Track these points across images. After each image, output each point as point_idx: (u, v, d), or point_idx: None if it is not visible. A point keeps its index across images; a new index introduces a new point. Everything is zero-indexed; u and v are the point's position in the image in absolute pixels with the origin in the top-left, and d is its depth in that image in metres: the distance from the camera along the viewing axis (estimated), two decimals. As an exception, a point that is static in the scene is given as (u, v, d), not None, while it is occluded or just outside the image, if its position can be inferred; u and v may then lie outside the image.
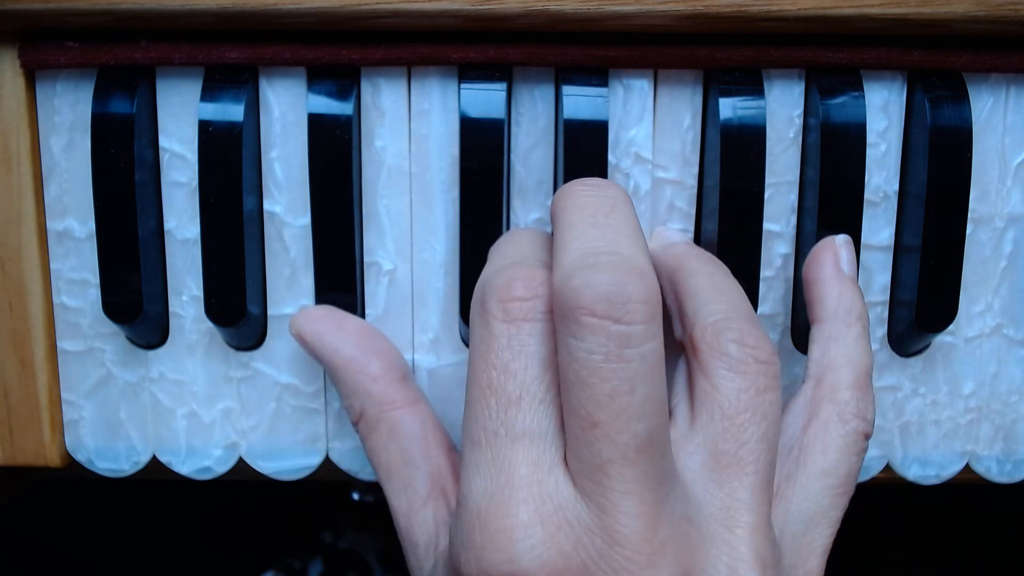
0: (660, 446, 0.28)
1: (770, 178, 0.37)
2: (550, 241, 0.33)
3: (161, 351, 0.38)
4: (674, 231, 0.38)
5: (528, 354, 0.29)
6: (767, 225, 0.37)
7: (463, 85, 0.36)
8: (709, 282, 0.33)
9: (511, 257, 0.32)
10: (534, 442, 0.29)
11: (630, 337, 0.27)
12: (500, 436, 0.29)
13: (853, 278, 0.35)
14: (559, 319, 0.28)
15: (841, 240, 0.36)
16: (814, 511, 0.32)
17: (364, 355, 0.35)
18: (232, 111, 0.36)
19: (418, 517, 0.33)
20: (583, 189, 0.32)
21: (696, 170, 0.37)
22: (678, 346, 0.33)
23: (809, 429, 0.33)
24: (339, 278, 0.37)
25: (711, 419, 0.30)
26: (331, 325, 0.36)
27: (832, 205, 0.36)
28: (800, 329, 0.38)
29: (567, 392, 0.28)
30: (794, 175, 0.37)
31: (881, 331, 0.38)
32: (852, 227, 0.36)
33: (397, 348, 0.37)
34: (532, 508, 0.28)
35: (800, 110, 0.37)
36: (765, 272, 0.38)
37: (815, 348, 0.34)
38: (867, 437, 0.33)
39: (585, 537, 0.27)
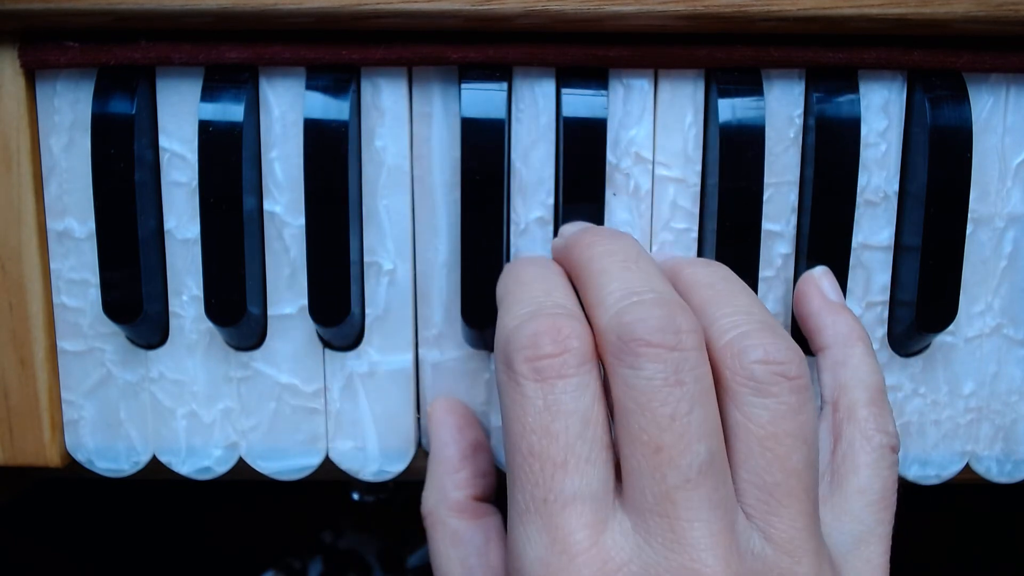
0: (721, 471, 0.28)
1: (770, 178, 0.37)
2: (559, 275, 0.33)
3: (161, 351, 0.38)
4: (660, 254, 0.38)
5: (567, 413, 0.28)
6: (767, 225, 0.37)
7: (463, 85, 0.36)
8: (713, 292, 0.32)
9: (527, 304, 0.31)
10: (586, 503, 0.28)
11: (684, 361, 0.28)
12: (549, 503, 0.28)
13: (842, 303, 0.36)
14: (612, 355, 0.28)
15: (819, 272, 0.37)
16: (860, 531, 0.31)
17: (461, 461, 0.36)
18: (232, 111, 0.36)
19: None
20: (604, 239, 0.33)
21: (699, 167, 0.37)
22: None
23: (836, 452, 0.33)
24: (331, 283, 0.37)
25: (751, 453, 0.29)
26: (457, 422, 0.37)
27: (825, 203, 0.36)
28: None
29: (626, 423, 0.28)
30: (794, 175, 0.37)
31: (881, 331, 0.38)
32: (844, 225, 0.36)
33: (491, 457, 0.38)
34: (595, 570, 0.27)
35: (800, 110, 0.37)
36: (765, 272, 0.38)
37: (824, 376, 0.34)
38: (894, 450, 0.33)
39: None
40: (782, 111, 0.37)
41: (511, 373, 0.29)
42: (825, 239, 0.37)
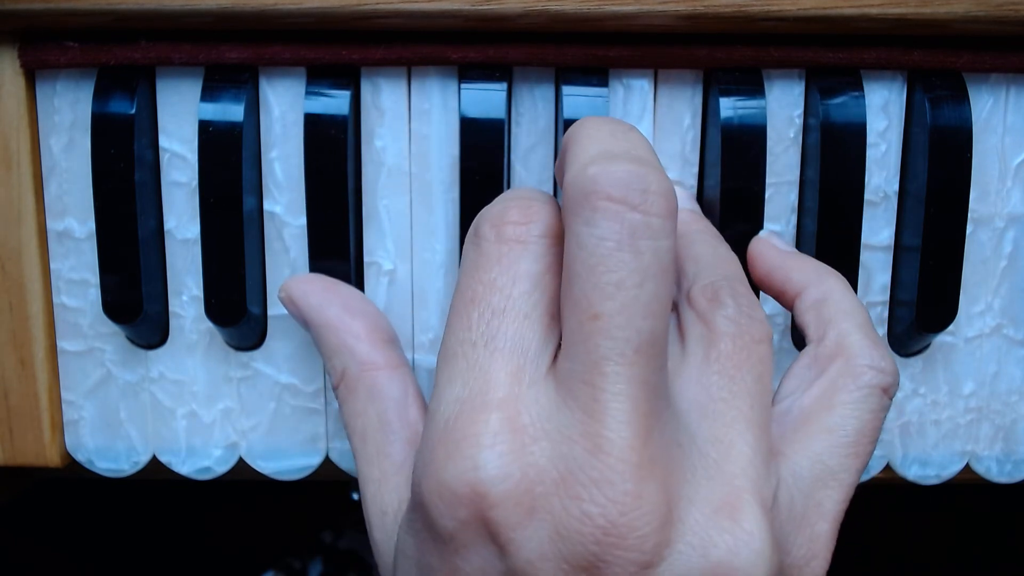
0: (660, 354, 0.26)
1: (770, 178, 0.37)
2: (550, 197, 0.32)
3: (161, 351, 0.38)
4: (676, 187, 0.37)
5: (517, 272, 0.28)
6: (767, 225, 0.37)
7: (463, 85, 0.36)
8: (713, 251, 0.32)
9: (510, 193, 0.31)
10: (514, 355, 0.27)
11: (646, 228, 0.26)
12: (478, 346, 0.27)
13: (795, 251, 0.35)
14: (569, 211, 0.27)
15: (764, 233, 0.36)
16: (819, 471, 0.29)
17: (349, 315, 0.34)
18: (232, 111, 0.36)
19: (390, 484, 0.31)
20: (601, 118, 0.30)
21: (696, 170, 0.37)
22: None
23: (812, 388, 0.31)
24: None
25: (707, 358, 0.29)
26: (319, 287, 0.35)
27: (832, 205, 0.36)
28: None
29: (569, 284, 0.26)
30: (794, 175, 0.37)
31: (881, 331, 0.38)
32: (852, 227, 0.36)
33: (385, 316, 0.36)
34: (505, 417, 0.26)
35: (800, 110, 0.37)
36: (765, 272, 0.38)
37: (807, 317, 0.33)
38: (887, 391, 0.31)
39: (564, 446, 0.26)
40: (782, 111, 0.37)
41: (475, 239, 0.29)
42: (833, 241, 0.36)
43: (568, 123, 0.36)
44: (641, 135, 0.30)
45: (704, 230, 0.34)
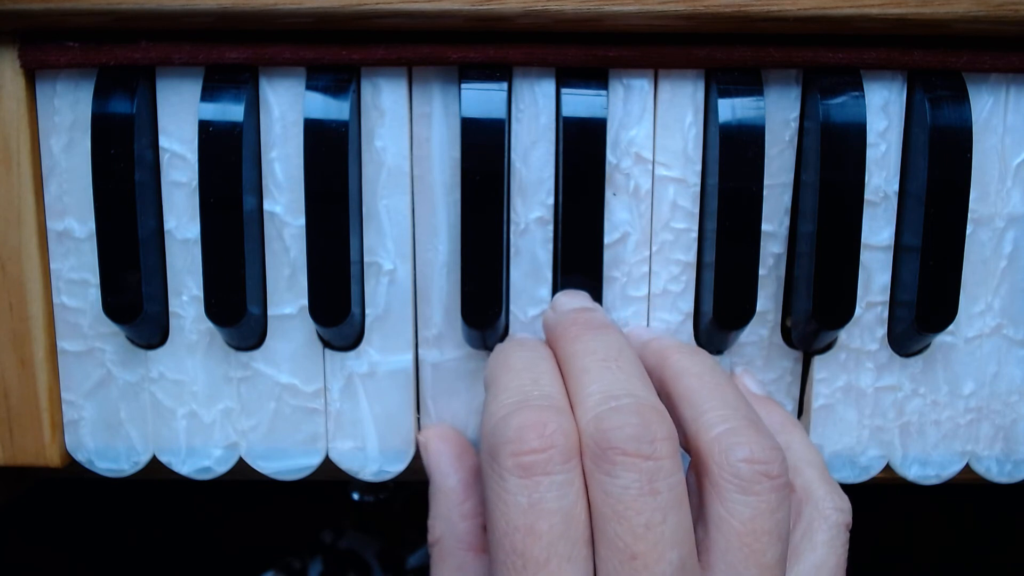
0: (692, 573, 0.29)
1: (765, 179, 0.37)
2: (547, 359, 0.34)
3: (161, 351, 0.38)
4: (645, 328, 0.38)
5: (550, 512, 0.29)
6: (762, 225, 0.37)
7: (464, 85, 0.36)
8: (700, 383, 0.33)
9: (514, 393, 0.32)
10: None
11: (659, 471, 0.29)
12: None
13: (768, 396, 0.38)
14: (590, 459, 0.29)
15: (739, 371, 0.39)
16: None
17: (465, 491, 0.36)
18: (232, 111, 0.36)
19: None
20: (588, 335, 0.33)
21: (699, 167, 0.37)
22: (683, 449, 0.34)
23: (795, 531, 0.34)
24: (331, 283, 0.36)
25: (729, 547, 0.30)
26: (452, 453, 0.37)
27: (832, 205, 0.36)
28: (788, 327, 0.38)
29: (603, 528, 0.29)
30: (788, 177, 0.37)
31: (881, 331, 0.38)
32: (852, 227, 0.36)
33: None
34: None
35: (796, 113, 0.37)
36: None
37: None
38: (848, 527, 0.34)
39: None
40: (778, 114, 0.37)
41: (495, 466, 0.30)
42: (833, 241, 0.36)
43: (568, 123, 0.36)
44: (629, 351, 0.33)
45: (679, 349, 0.35)
